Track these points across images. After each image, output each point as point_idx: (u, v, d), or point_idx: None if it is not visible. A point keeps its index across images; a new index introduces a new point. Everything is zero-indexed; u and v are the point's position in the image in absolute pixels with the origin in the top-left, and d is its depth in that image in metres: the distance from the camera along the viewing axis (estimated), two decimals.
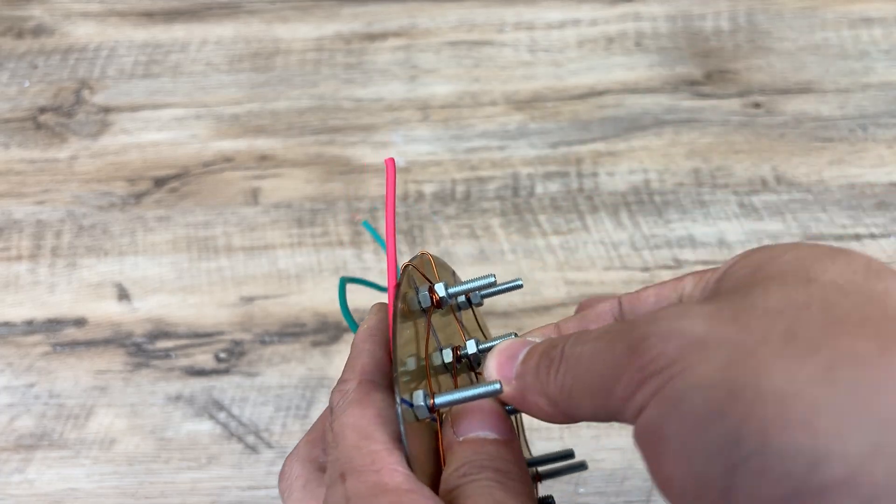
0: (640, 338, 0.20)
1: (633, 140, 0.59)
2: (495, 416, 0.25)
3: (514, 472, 0.24)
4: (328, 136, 0.61)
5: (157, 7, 0.69)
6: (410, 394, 0.24)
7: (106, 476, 0.47)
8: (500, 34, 0.66)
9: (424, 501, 0.22)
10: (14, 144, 0.62)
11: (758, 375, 0.17)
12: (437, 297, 0.28)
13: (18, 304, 0.54)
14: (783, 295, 0.19)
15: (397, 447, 0.23)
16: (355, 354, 0.26)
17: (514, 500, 0.23)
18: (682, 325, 0.20)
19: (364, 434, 0.24)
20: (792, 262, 0.21)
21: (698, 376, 0.18)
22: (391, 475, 0.22)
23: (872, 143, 0.59)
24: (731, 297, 0.20)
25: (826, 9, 0.66)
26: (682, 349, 0.19)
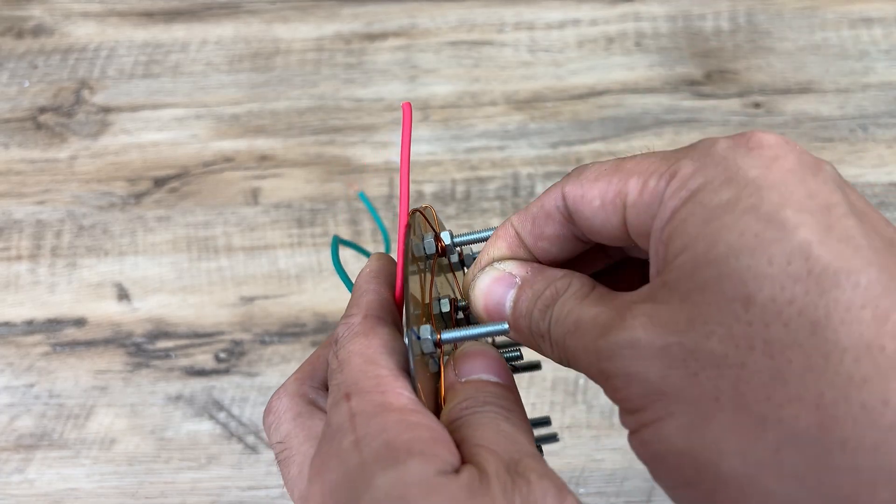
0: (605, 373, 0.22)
1: (634, 140, 0.59)
2: (498, 362, 0.26)
3: (518, 412, 0.24)
4: (328, 136, 0.61)
5: (157, 7, 0.69)
6: (418, 327, 0.24)
7: (106, 476, 0.47)
8: (500, 34, 0.66)
9: (428, 422, 0.22)
10: (14, 144, 0.62)
11: (717, 456, 0.19)
12: (443, 245, 0.28)
13: (18, 304, 0.54)
14: (725, 332, 0.20)
15: (404, 376, 0.23)
16: (360, 293, 0.27)
17: (520, 434, 0.23)
18: (638, 368, 0.21)
19: (370, 360, 0.24)
20: (728, 254, 0.20)
21: (665, 437, 0.20)
22: (396, 397, 0.22)
23: (872, 143, 0.59)
24: (676, 321, 0.21)
25: (826, 9, 0.66)
26: (644, 398, 0.21)
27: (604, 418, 0.48)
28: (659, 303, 0.21)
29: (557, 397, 0.48)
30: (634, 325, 0.21)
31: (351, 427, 0.22)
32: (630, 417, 0.22)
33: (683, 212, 0.22)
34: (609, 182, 0.25)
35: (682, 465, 0.20)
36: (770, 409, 0.19)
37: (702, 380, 0.20)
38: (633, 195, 0.24)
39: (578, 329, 0.23)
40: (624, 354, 0.21)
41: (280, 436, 0.26)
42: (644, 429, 0.21)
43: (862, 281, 0.19)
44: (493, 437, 0.22)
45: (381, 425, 0.21)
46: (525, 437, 0.23)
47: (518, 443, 0.22)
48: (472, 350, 0.26)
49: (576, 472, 0.46)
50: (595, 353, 0.22)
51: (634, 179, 0.24)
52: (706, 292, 0.20)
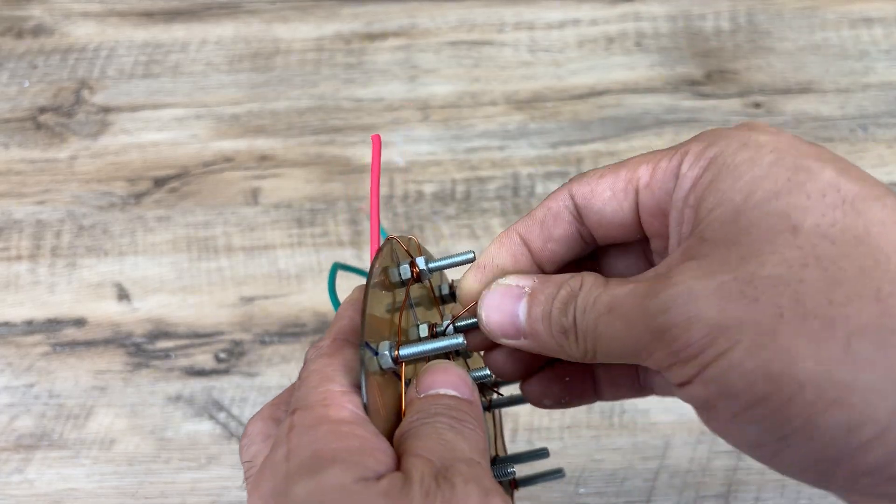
0: (660, 328, 0.22)
1: (634, 140, 0.59)
2: (457, 377, 0.26)
3: (470, 422, 0.24)
4: (328, 136, 0.61)
5: (157, 7, 0.69)
6: (377, 343, 0.25)
7: (106, 476, 0.47)
8: (500, 34, 0.66)
9: (362, 433, 0.22)
10: (14, 144, 0.62)
11: (789, 363, 0.20)
12: (417, 271, 0.28)
13: (18, 304, 0.54)
14: (778, 258, 0.21)
15: (355, 392, 0.24)
16: (336, 320, 0.27)
17: (464, 443, 0.23)
18: (698, 310, 0.21)
19: (325, 377, 0.24)
20: (767, 199, 0.22)
21: (732, 365, 0.21)
22: (338, 410, 0.23)
23: (872, 143, 0.59)
24: (727, 261, 0.22)
25: (826, 9, 0.66)
26: (706, 337, 0.21)
27: (604, 418, 0.48)
28: (701, 256, 0.22)
29: None
30: (684, 279, 0.22)
31: (287, 439, 0.22)
32: (688, 366, 0.22)
33: (708, 175, 0.24)
34: (616, 175, 0.26)
35: (754, 383, 0.20)
36: (834, 309, 0.20)
37: (762, 303, 0.21)
38: (646, 178, 0.26)
39: (615, 306, 0.23)
40: (679, 303, 0.22)
41: (249, 455, 0.27)
42: (708, 368, 0.21)
43: (889, 202, 0.22)
44: (431, 446, 0.23)
45: (312, 436, 0.22)
46: (469, 445, 0.23)
47: (456, 450, 0.22)
48: (433, 366, 0.26)
49: (576, 472, 0.46)
50: (644, 315, 0.22)
51: (644, 166, 0.26)
52: (752, 231, 0.22)
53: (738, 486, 0.45)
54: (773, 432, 0.21)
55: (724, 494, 0.45)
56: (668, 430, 0.47)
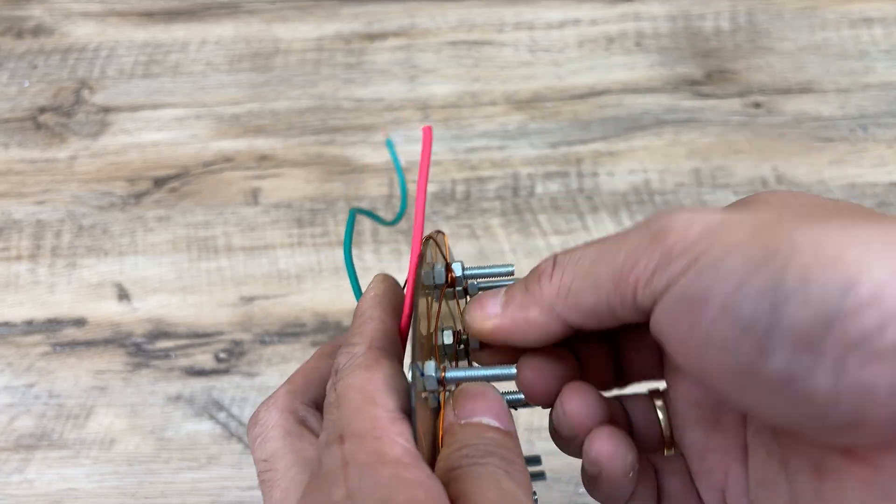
0: (661, 228, 0.22)
1: (634, 140, 0.59)
2: (500, 405, 0.25)
3: (518, 464, 0.23)
4: (328, 136, 0.61)
5: (157, 7, 0.69)
6: (422, 363, 0.23)
7: (106, 476, 0.47)
8: (500, 34, 0.66)
9: (424, 478, 0.21)
10: (14, 144, 0.62)
11: (790, 231, 0.21)
12: (453, 276, 0.27)
13: (18, 304, 0.54)
14: (778, 200, 0.24)
15: (402, 419, 0.22)
16: (363, 320, 0.25)
17: (520, 492, 0.22)
18: (702, 214, 0.22)
19: (368, 398, 0.23)
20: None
21: (730, 243, 0.21)
22: (392, 445, 0.22)
23: (873, 143, 0.59)
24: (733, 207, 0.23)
25: (826, 9, 0.66)
26: (704, 229, 0.22)
27: None
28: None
29: None
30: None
31: (343, 477, 0.21)
32: (679, 260, 0.22)
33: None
34: None
35: (749, 256, 0.21)
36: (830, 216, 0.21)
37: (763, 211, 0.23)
38: None
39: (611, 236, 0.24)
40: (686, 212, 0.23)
41: (266, 453, 0.25)
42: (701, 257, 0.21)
43: None
44: (493, 496, 0.21)
45: (374, 480, 0.21)
46: (524, 493, 0.22)
47: (518, 502, 0.21)
48: (473, 390, 0.25)
49: (576, 472, 0.46)
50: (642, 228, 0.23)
51: None
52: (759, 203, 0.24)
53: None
54: (769, 298, 0.20)
55: None
56: None
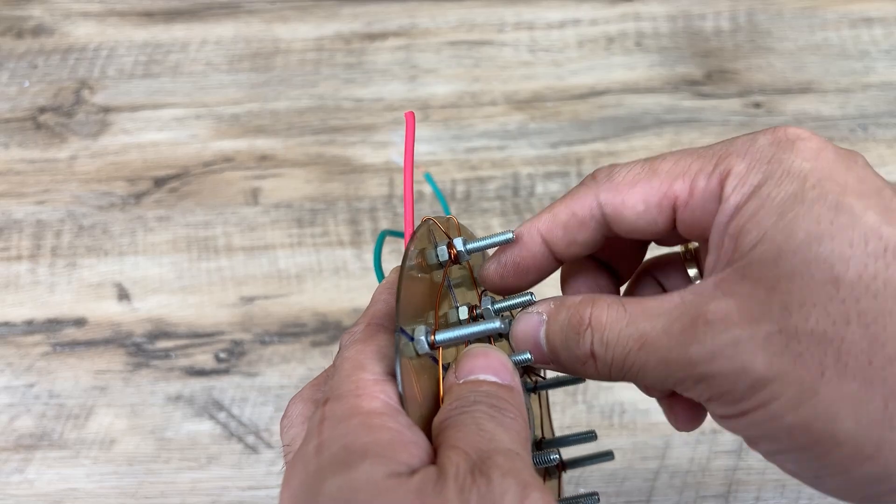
0: (704, 374, 0.23)
1: (634, 140, 0.59)
2: (500, 362, 0.25)
3: (511, 410, 0.24)
4: (328, 136, 0.61)
5: (157, 7, 0.69)
6: (413, 328, 0.24)
7: (106, 476, 0.47)
8: (500, 34, 0.66)
9: (394, 424, 0.22)
10: (14, 144, 0.62)
11: (830, 421, 0.21)
12: (455, 252, 0.28)
13: (18, 304, 0.54)
14: (821, 311, 0.21)
15: (388, 380, 0.23)
16: (371, 304, 0.27)
17: (504, 434, 0.22)
18: (743, 361, 0.22)
19: (358, 365, 0.24)
20: (809, 242, 0.22)
21: (774, 416, 0.22)
22: (370, 400, 0.22)
23: (873, 143, 0.59)
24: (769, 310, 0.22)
25: (826, 9, 0.66)
26: (750, 388, 0.22)
27: (604, 418, 0.48)
28: (740, 296, 0.22)
29: (557, 397, 0.48)
30: (728, 325, 0.22)
31: (318, 431, 0.22)
32: (730, 407, 0.23)
33: (750, 206, 0.23)
34: (650, 185, 0.26)
35: (794, 436, 0.22)
36: (874, 372, 0.21)
37: (806, 359, 0.21)
38: (684, 196, 0.25)
39: (647, 344, 0.24)
40: (726, 354, 0.22)
41: (288, 438, 0.26)
42: (750, 413, 0.22)
43: None
44: (469, 437, 0.22)
45: (343, 429, 0.22)
46: (509, 435, 0.23)
47: (494, 441, 0.22)
48: (473, 350, 0.25)
49: (576, 471, 0.46)
50: (685, 360, 0.23)
51: (680, 182, 0.25)
52: (794, 279, 0.22)
53: (738, 486, 0.45)
54: (810, 472, 0.23)
55: (724, 494, 0.45)
56: (668, 430, 0.47)
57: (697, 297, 0.23)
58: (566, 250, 0.27)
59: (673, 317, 0.23)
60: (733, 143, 0.25)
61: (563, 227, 0.27)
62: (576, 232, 0.27)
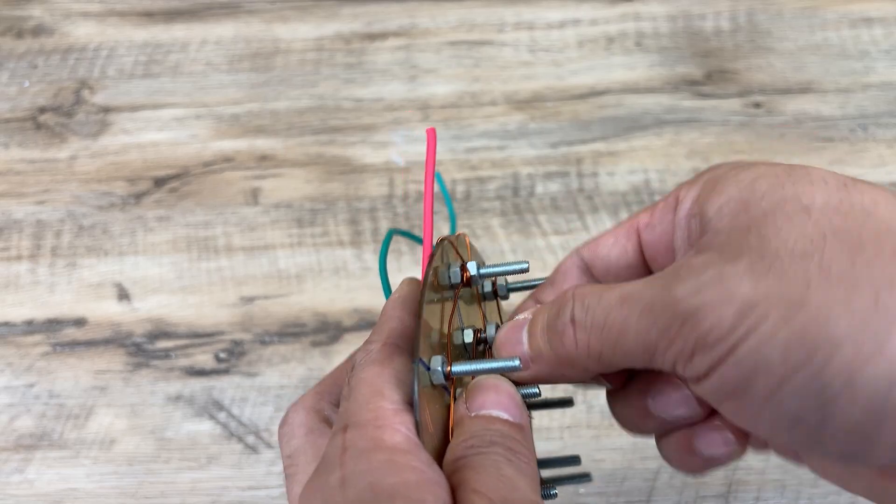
0: (689, 310, 0.22)
1: (634, 140, 0.59)
2: (510, 398, 0.25)
3: (525, 454, 0.24)
4: (328, 136, 0.61)
5: (157, 7, 0.69)
6: (429, 357, 0.24)
7: (106, 476, 0.47)
8: (500, 34, 0.66)
9: (418, 464, 0.22)
10: (14, 144, 0.62)
11: (823, 324, 0.20)
12: (468, 275, 0.28)
13: (18, 304, 0.54)
14: (797, 231, 0.22)
15: (406, 410, 0.23)
16: (384, 319, 0.27)
17: (522, 479, 0.22)
18: (728, 288, 0.22)
19: (376, 390, 0.24)
20: (773, 189, 0.23)
21: (766, 336, 0.21)
22: (392, 433, 0.22)
23: (873, 143, 0.59)
24: (747, 244, 0.22)
25: (826, 9, 0.66)
26: (738, 314, 0.21)
27: (604, 418, 0.48)
28: (720, 245, 0.23)
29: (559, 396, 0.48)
30: (711, 265, 0.22)
31: (340, 462, 0.22)
32: (715, 349, 0.22)
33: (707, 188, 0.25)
34: (619, 227, 0.28)
35: (789, 351, 0.21)
36: (858, 270, 0.21)
37: (790, 276, 0.21)
38: (645, 219, 0.27)
39: (628, 298, 0.23)
40: (711, 284, 0.22)
41: (290, 449, 0.26)
42: (739, 346, 0.21)
43: (878, 187, 0.23)
44: (491, 483, 0.22)
45: (368, 465, 0.21)
46: (526, 482, 0.22)
47: (517, 489, 0.22)
48: (484, 383, 0.25)
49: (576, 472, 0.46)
50: (668, 301, 0.22)
51: (644, 214, 0.27)
52: (767, 216, 0.22)
53: (738, 486, 0.45)
54: (815, 399, 0.21)
55: (724, 494, 0.45)
56: None
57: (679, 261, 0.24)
58: None
59: (655, 277, 0.24)
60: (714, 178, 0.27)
61: (551, 285, 0.29)
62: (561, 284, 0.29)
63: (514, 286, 0.31)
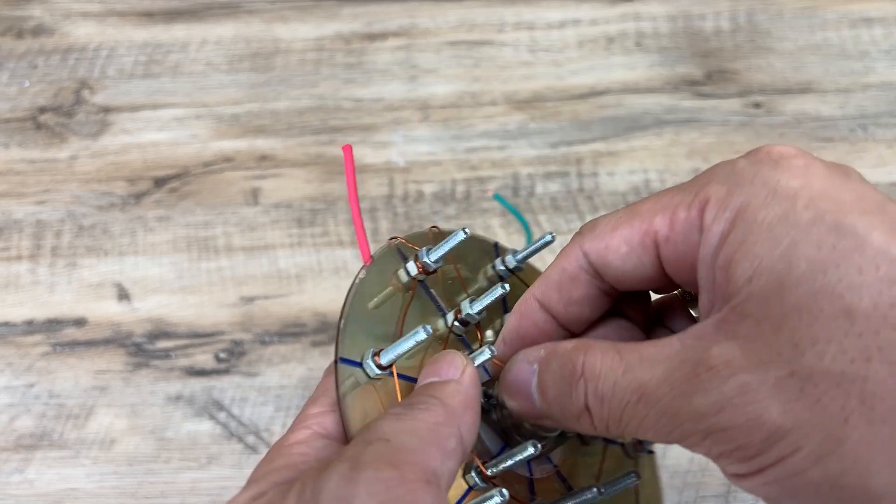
0: (712, 427, 0.20)
1: (634, 140, 0.59)
2: (446, 363, 0.24)
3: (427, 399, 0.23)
4: (328, 136, 0.61)
5: (157, 7, 0.69)
6: (361, 354, 0.26)
7: (106, 476, 0.47)
8: (500, 34, 0.66)
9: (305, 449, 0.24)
10: (14, 144, 0.62)
11: (862, 475, 0.18)
12: (420, 264, 0.28)
13: (18, 304, 0.54)
14: (836, 348, 0.19)
15: (329, 411, 0.25)
16: None
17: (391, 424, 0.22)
18: (756, 410, 0.19)
19: (312, 399, 0.26)
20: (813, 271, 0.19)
21: (797, 472, 0.19)
22: (299, 431, 0.25)
23: (873, 143, 0.59)
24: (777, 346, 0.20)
25: (826, 9, 0.66)
26: (766, 441, 0.19)
27: None
28: (744, 338, 0.20)
29: None
30: (733, 370, 0.20)
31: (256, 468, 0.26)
32: (745, 464, 0.20)
33: (737, 234, 0.21)
34: (630, 227, 0.24)
35: (822, 494, 0.19)
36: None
37: (826, 404, 0.19)
38: (664, 230, 0.23)
39: (646, 396, 0.21)
40: (735, 403, 0.20)
41: None
42: (768, 470, 0.20)
43: None
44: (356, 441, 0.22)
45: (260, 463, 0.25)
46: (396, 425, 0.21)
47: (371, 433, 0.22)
48: (430, 359, 0.26)
49: None
50: (689, 412, 0.20)
51: (660, 217, 0.23)
52: (802, 314, 0.19)
53: (738, 487, 0.45)
54: None
55: (723, 494, 0.45)
56: None
57: (697, 342, 0.21)
58: (566, 312, 0.26)
59: (673, 364, 0.21)
60: (713, 170, 0.23)
61: (556, 289, 0.26)
62: (570, 289, 0.25)
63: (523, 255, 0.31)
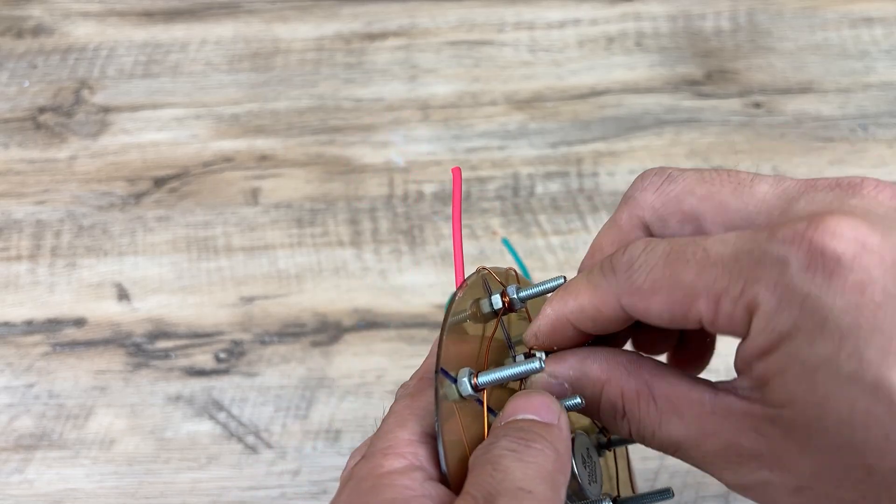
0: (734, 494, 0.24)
1: (634, 140, 0.59)
2: (540, 401, 0.25)
3: (538, 442, 0.23)
4: (328, 136, 0.61)
5: (156, 7, 0.69)
6: (457, 371, 0.25)
7: (106, 476, 0.47)
8: (500, 34, 0.66)
9: (407, 483, 0.22)
10: (14, 144, 0.62)
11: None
12: (508, 300, 0.29)
13: (18, 304, 0.54)
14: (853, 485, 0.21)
15: (423, 441, 0.23)
16: (428, 356, 0.27)
17: (520, 469, 0.22)
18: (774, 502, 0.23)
19: (400, 422, 0.24)
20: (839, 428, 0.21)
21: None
22: (394, 460, 0.23)
23: (873, 143, 0.59)
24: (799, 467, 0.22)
25: (827, 8, 0.66)
26: None
27: None
28: (773, 440, 0.22)
29: None
30: (760, 465, 0.22)
31: (339, 492, 0.23)
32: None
33: (776, 360, 0.21)
34: (671, 298, 0.24)
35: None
36: None
37: None
38: (709, 316, 0.23)
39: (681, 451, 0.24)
40: (757, 490, 0.23)
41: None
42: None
43: None
44: (480, 479, 0.21)
45: (356, 491, 0.22)
46: (525, 470, 0.22)
47: (506, 480, 0.21)
48: (517, 394, 0.25)
49: None
50: (719, 479, 0.24)
51: (703, 301, 0.23)
52: (825, 455, 0.21)
53: None
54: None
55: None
56: None
57: (728, 421, 0.23)
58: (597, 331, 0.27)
59: (706, 430, 0.23)
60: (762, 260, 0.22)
61: (591, 321, 0.26)
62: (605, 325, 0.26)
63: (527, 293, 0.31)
